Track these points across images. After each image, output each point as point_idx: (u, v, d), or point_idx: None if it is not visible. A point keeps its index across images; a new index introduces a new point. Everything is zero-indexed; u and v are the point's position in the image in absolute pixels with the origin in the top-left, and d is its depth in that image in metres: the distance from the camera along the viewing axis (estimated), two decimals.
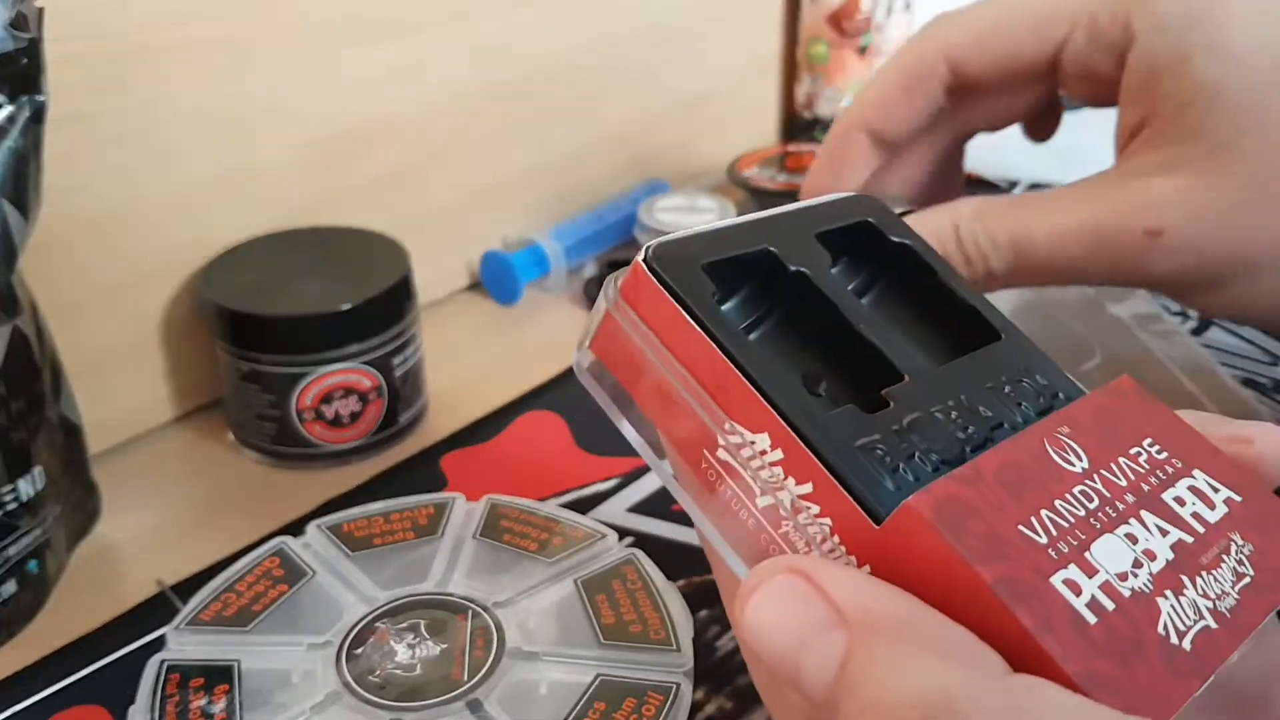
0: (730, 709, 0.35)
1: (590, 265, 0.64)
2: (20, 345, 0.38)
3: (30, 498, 0.39)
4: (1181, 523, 0.21)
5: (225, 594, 0.39)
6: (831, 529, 0.21)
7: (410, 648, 0.37)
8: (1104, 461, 0.22)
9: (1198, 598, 0.20)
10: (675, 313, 0.23)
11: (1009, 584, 0.19)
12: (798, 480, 0.21)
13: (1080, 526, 0.20)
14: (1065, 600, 0.19)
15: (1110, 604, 0.19)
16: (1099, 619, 0.19)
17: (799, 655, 0.19)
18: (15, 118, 0.36)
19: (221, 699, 0.35)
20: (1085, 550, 0.20)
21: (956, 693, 0.17)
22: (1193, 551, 0.21)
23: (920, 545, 0.19)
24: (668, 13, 0.68)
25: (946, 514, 0.19)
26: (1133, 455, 0.22)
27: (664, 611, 0.38)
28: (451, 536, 0.42)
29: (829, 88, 0.77)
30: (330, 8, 0.51)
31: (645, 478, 0.46)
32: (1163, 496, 0.22)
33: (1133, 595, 0.19)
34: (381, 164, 0.56)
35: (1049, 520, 0.20)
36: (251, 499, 0.46)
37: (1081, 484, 0.21)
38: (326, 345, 0.46)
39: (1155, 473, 0.22)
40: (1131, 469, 0.22)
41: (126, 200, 0.47)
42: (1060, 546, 0.20)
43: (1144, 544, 0.20)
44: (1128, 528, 0.21)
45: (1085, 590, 0.19)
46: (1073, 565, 0.19)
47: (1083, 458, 0.22)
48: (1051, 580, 0.19)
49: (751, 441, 0.22)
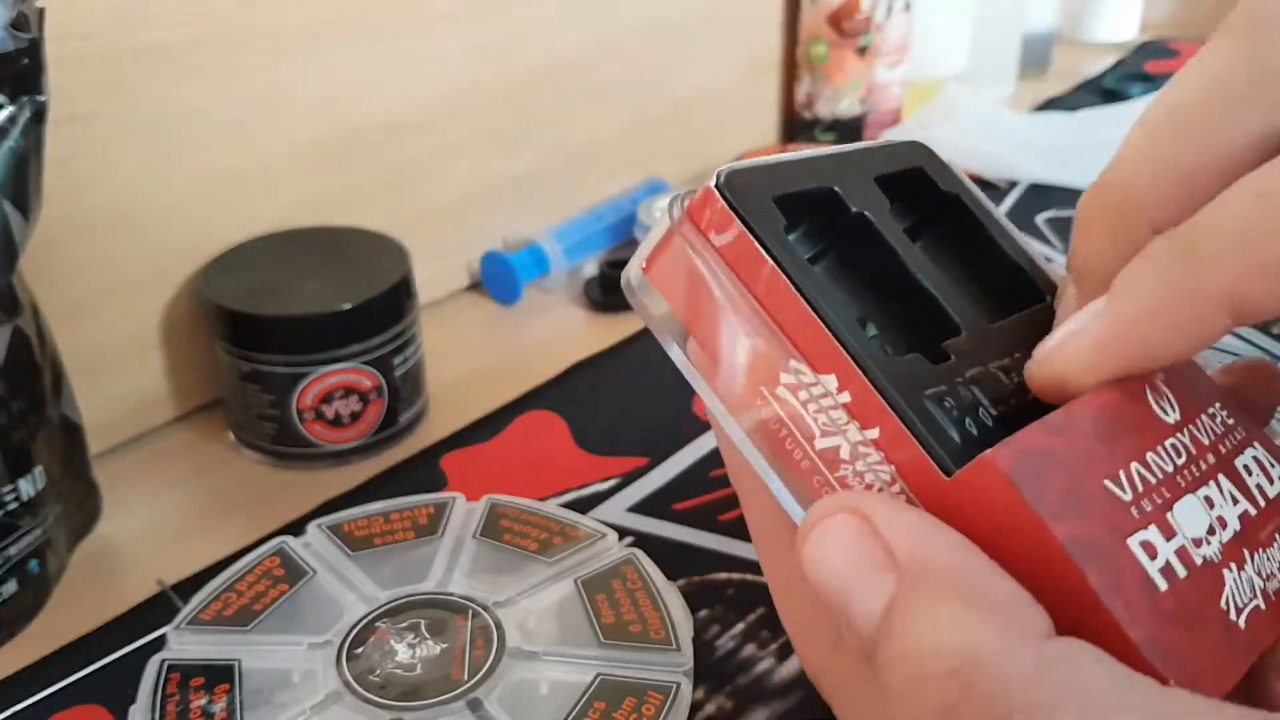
0: (730, 708, 0.36)
1: (590, 265, 0.64)
2: (21, 345, 0.38)
3: (31, 497, 0.39)
4: (1249, 493, 0.21)
5: (226, 593, 0.39)
6: (894, 476, 0.20)
7: (411, 647, 0.37)
8: (1192, 416, 0.22)
9: (1254, 575, 0.20)
10: (747, 242, 0.22)
11: (1082, 543, 0.18)
12: (863, 425, 0.20)
13: (1167, 484, 0.20)
14: (1139, 564, 0.19)
15: (1183, 570, 0.19)
16: (1170, 585, 0.18)
17: (850, 593, 0.19)
18: (16, 118, 0.36)
19: (222, 698, 0.35)
20: (1168, 510, 0.19)
21: (987, 651, 0.17)
22: (1255, 525, 0.21)
23: (993, 499, 0.19)
24: (668, 13, 0.68)
25: (1027, 468, 0.19)
26: (1210, 415, 0.22)
27: (664, 611, 0.38)
28: (452, 536, 0.42)
29: (829, 88, 0.77)
30: (330, 8, 0.51)
31: (645, 478, 0.46)
32: (1235, 463, 0.21)
33: (1204, 564, 0.19)
34: (382, 164, 0.56)
35: (1137, 474, 0.20)
36: (252, 499, 0.46)
37: (1174, 436, 0.21)
38: (327, 345, 0.46)
39: (1228, 436, 0.22)
40: (1210, 429, 0.22)
41: (127, 200, 0.47)
42: (1144, 504, 0.19)
43: (1219, 509, 0.20)
44: (1207, 490, 0.20)
45: (1161, 554, 0.19)
46: (1153, 526, 0.19)
47: (1175, 409, 0.21)
48: (1128, 541, 0.19)
49: (816, 381, 0.21)
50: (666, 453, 0.48)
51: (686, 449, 0.48)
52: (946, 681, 0.17)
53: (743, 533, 0.43)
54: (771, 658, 0.37)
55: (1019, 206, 0.71)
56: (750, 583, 0.41)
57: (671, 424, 0.50)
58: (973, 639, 0.17)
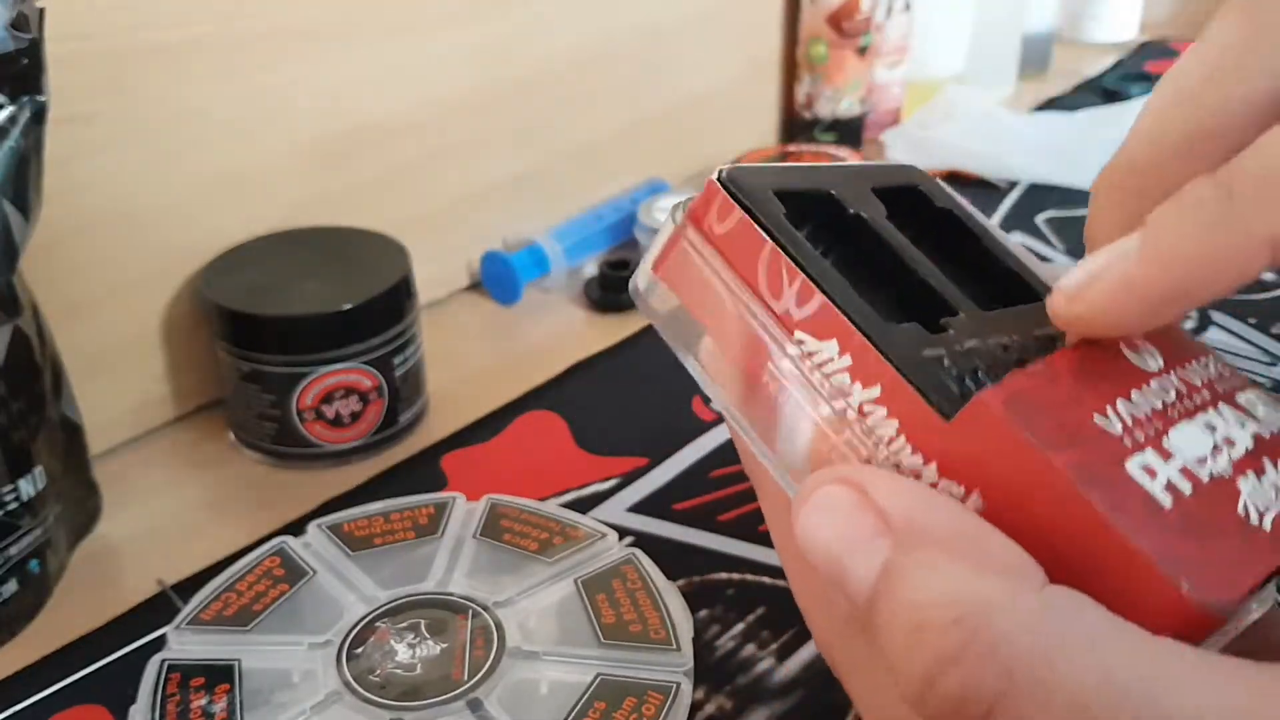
0: (730, 708, 0.36)
1: (590, 265, 0.64)
2: (21, 345, 0.38)
3: (31, 497, 0.39)
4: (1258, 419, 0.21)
5: (226, 593, 0.39)
6: (899, 429, 0.21)
7: (411, 647, 0.37)
8: (1179, 362, 0.22)
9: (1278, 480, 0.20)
10: (748, 226, 0.23)
11: (1081, 469, 0.19)
12: (865, 384, 0.21)
13: (1157, 417, 0.20)
14: (1140, 486, 0.19)
15: (1187, 487, 0.19)
16: (1175, 501, 0.19)
17: (845, 560, 0.19)
18: (16, 118, 0.36)
19: (222, 698, 0.35)
20: (1163, 437, 0.20)
21: (987, 600, 0.17)
22: (1273, 443, 0.21)
23: (992, 437, 0.19)
24: (668, 13, 0.68)
25: (1019, 405, 0.19)
26: (1201, 363, 0.22)
27: (664, 611, 0.38)
28: (452, 536, 0.42)
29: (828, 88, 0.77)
30: (331, 9, 0.51)
31: (645, 478, 0.46)
32: (1237, 398, 0.22)
33: (1212, 479, 0.19)
34: (382, 164, 0.56)
35: (1124, 411, 0.20)
36: (252, 499, 0.46)
37: (1159, 378, 0.21)
38: (327, 345, 0.46)
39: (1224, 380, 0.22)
40: (1202, 373, 0.22)
41: (127, 200, 0.47)
42: (1136, 435, 0.20)
43: (1224, 432, 0.20)
44: (1207, 417, 0.21)
45: (1161, 474, 0.19)
46: (1149, 450, 0.19)
47: (1158, 358, 0.22)
48: (1126, 465, 0.19)
49: (817, 350, 0.22)
50: (666, 453, 0.48)
51: (686, 449, 0.48)
52: (949, 630, 0.17)
53: (742, 533, 0.43)
54: (771, 658, 0.37)
55: (1019, 206, 0.71)
56: (750, 583, 0.41)
57: (671, 424, 0.50)
58: (973, 589, 0.18)
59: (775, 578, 0.41)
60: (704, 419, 0.50)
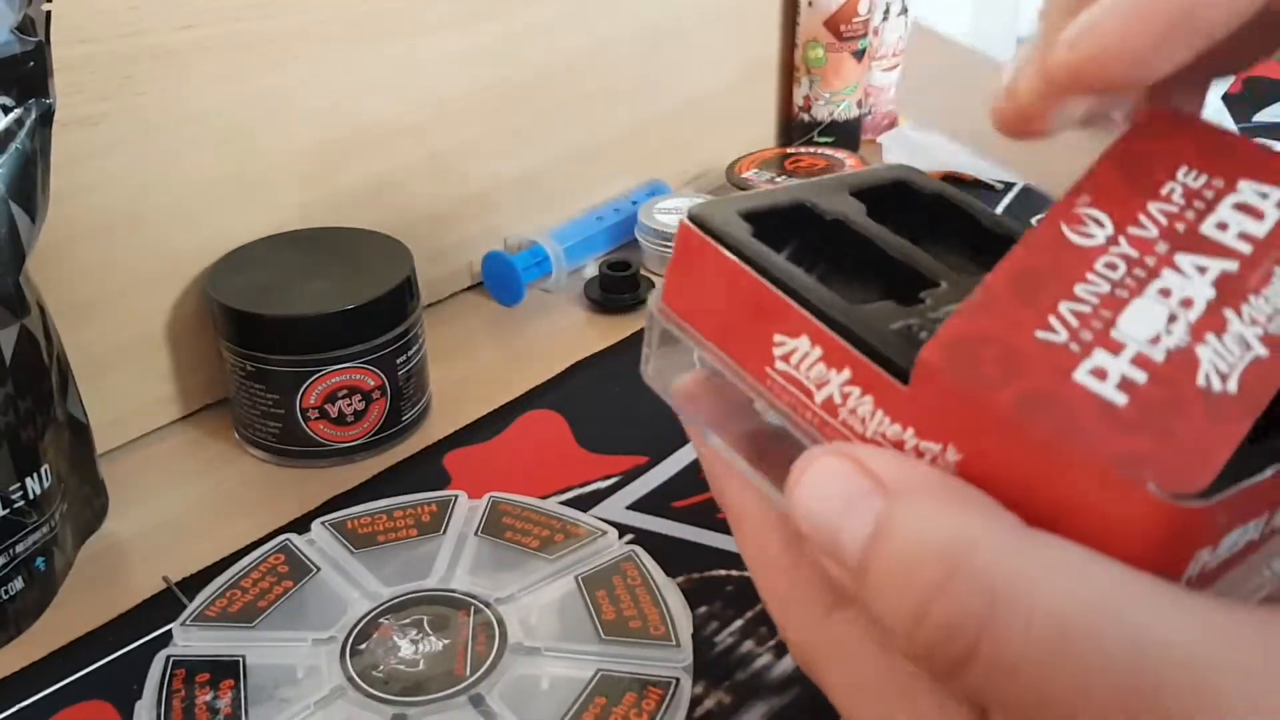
0: (729, 703, 0.36)
1: (591, 266, 0.64)
2: (28, 345, 0.39)
3: (38, 495, 0.39)
4: (1224, 251, 0.20)
5: (231, 590, 0.40)
6: (875, 403, 0.21)
7: (414, 643, 0.37)
8: (1130, 217, 0.21)
9: (1244, 328, 0.19)
10: (713, 252, 0.24)
11: (1025, 400, 0.19)
12: (838, 369, 0.22)
13: (1105, 303, 0.20)
14: (1090, 392, 0.19)
15: (1142, 376, 0.19)
16: (1130, 398, 0.19)
17: (840, 522, 0.20)
18: (23, 120, 0.37)
19: (227, 694, 0.36)
20: (1111, 328, 0.20)
21: (972, 535, 0.18)
22: (1238, 279, 0.20)
23: (940, 392, 0.20)
24: (667, 16, 0.69)
25: (958, 353, 0.20)
26: (1165, 195, 0.21)
27: (664, 607, 0.39)
28: (454, 533, 0.42)
29: (826, 91, 0.77)
30: (334, 12, 0.52)
31: (645, 476, 0.47)
32: (1201, 230, 0.21)
33: (1168, 357, 0.19)
34: (385, 165, 0.56)
35: (1069, 312, 0.20)
36: (257, 497, 0.47)
37: (1104, 255, 0.21)
38: (330, 345, 0.46)
39: (1192, 204, 0.21)
40: (1163, 212, 0.21)
41: (133, 202, 0.47)
42: (1083, 335, 0.20)
43: (1180, 293, 0.20)
44: (1160, 282, 0.20)
45: (1112, 372, 0.19)
46: (1097, 351, 0.19)
47: (1105, 224, 0.21)
48: (1074, 377, 0.19)
49: (795, 347, 0.23)
50: (666, 451, 0.48)
51: (686, 447, 0.48)
52: (934, 564, 0.18)
53: None
54: (770, 653, 0.38)
55: (1015, 206, 0.71)
56: (749, 579, 0.41)
57: (671, 423, 0.50)
58: (959, 526, 0.18)
59: None
60: None
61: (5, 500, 0.38)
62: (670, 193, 0.68)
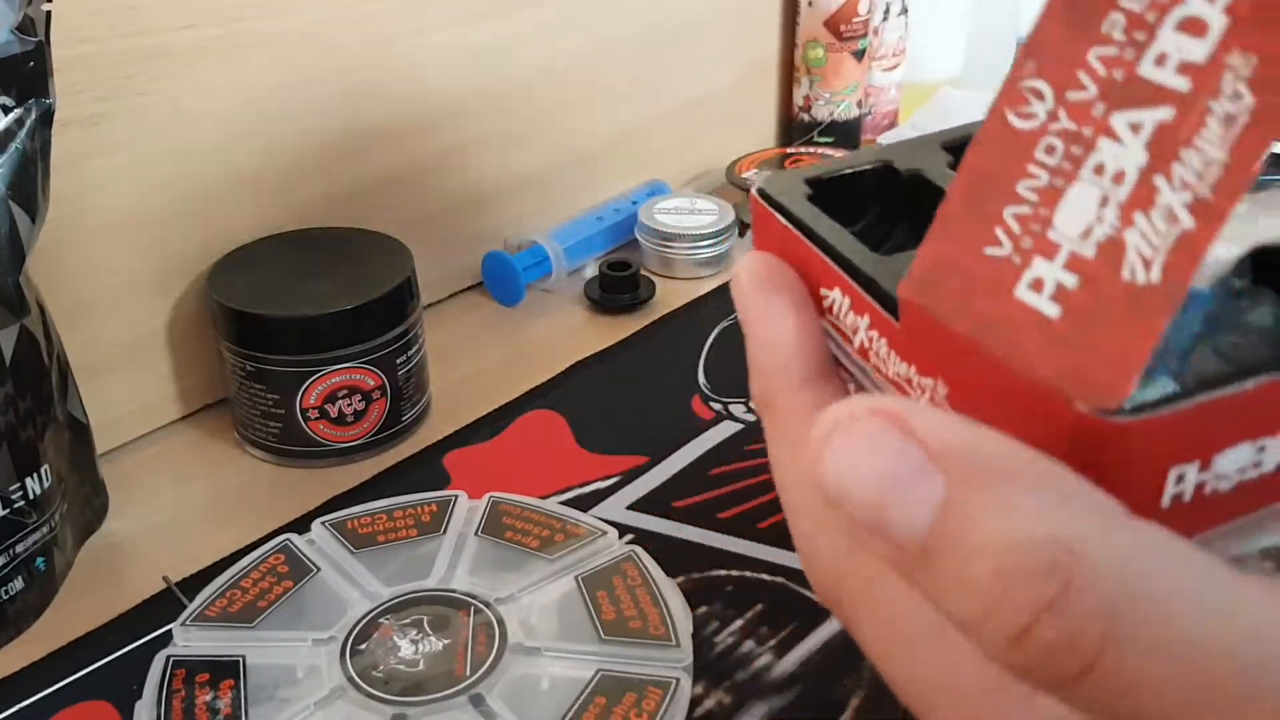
0: (729, 703, 0.36)
1: (591, 266, 0.64)
2: (28, 345, 0.39)
3: (38, 495, 0.39)
4: (1162, 95, 0.19)
5: (231, 590, 0.40)
6: (888, 345, 0.22)
7: (414, 643, 0.37)
8: (1070, 77, 0.20)
9: (1173, 196, 0.18)
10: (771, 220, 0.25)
11: (982, 327, 0.19)
12: (860, 315, 0.23)
13: (1044, 199, 0.20)
14: (1030, 307, 0.19)
15: (1073, 280, 0.19)
16: (1062, 307, 0.18)
17: (889, 501, 0.17)
18: (23, 120, 0.37)
19: (227, 694, 0.36)
20: (1048, 228, 0.19)
21: (1081, 539, 0.16)
22: (1173, 130, 0.19)
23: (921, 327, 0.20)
24: (667, 16, 0.69)
25: (925, 283, 0.20)
26: (1105, 35, 0.20)
27: (664, 607, 0.39)
28: (454, 533, 0.42)
29: (826, 91, 0.77)
30: (334, 12, 0.52)
31: (645, 476, 0.47)
32: (1139, 72, 0.19)
33: (1098, 251, 0.19)
34: (385, 166, 0.56)
35: (1012, 218, 0.20)
36: (257, 497, 0.47)
37: (1044, 138, 0.20)
38: (330, 345, 0.46)
39: (1133, 37, 0.20)
40: (1102, 60, 0.20)
41: (133, 202, 0.47)
42: (1024, 244, 0.19)
43: (1113, 167, 0.19)
44: (1095, 157, 0.19)
45: (1048, 282, 0.19)
46: (1035, 260, 0.19)
47: (1045, 95, 0.20)
48: (1016, 293, 0.19)
49: (834, 298, 0.24)
50: (666, 451, 0.48)
51: (686, 447, 0.48)
52: (1047, 576, 0.15)
53: (742, 530, 0.43)
54: (770, 653, 0.38)
55: None
56: (749, 579, 0.41)
57: (671, 423, 0.50)
58: (1063, 527, 0.16)
59: (773, 575, 0.41)
60: (703, 418, 0.50)
61: (5, 500, 0.38)
62: (670, 193, 0.68)
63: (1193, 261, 0.18)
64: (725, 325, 0.58)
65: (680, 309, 0.60)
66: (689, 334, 0.57)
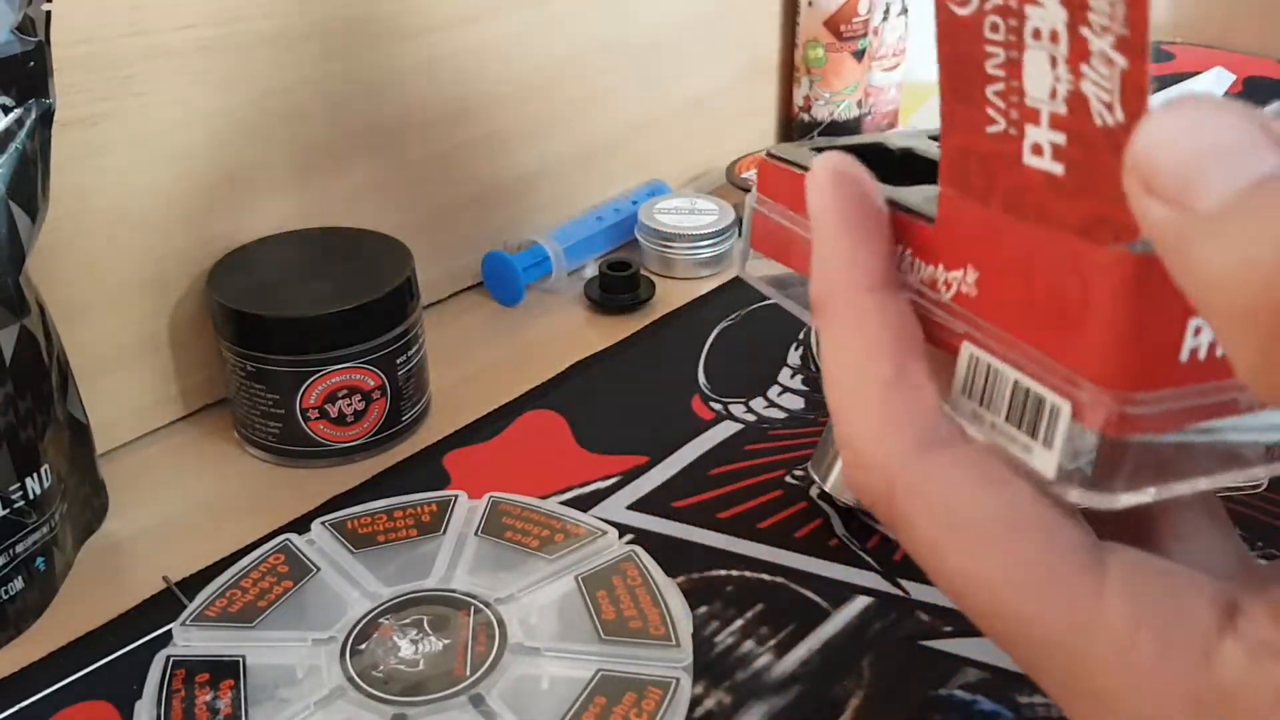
0: (729, 704, 0.36)
1: (591, 266, 0.64)
2: (28, 345, 0.39)
3: (38, 495, 0.39)
4: None
5: (231, 590, 0.40)
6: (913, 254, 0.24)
7: (414, 643, 0.37)
8: None
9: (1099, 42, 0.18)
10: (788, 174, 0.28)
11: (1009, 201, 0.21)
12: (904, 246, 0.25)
13: (1010, 72, 0.20)
14: (1039, 171, 0.20)
15: (1061, 138, 0.19)
16: (1065, 164, 0.19)
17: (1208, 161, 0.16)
18: (23, 120, 0.37)
19: (227, 694, 0.36)
20: (1024, 97, 0.20)
21: None
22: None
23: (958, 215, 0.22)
24: (667, 16, 0.69)
25: (954, 175, 0.22)
26: None
27: (664, 607, 0.39)
28: (454, 533, 0.42)
29: (826, 91, 0.77)
30: (334, 12, 0.52)
31: (645, 476, 0.47)
32: None
33: (1068, 106, 0.19)
34: (385, 165, 0.56)
35: (994, 96, 0.21)
36: (257, 497, 0.47)
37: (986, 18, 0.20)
38: (330, 345, 0.46)
39: None
40: None
41: (133, 202, 0.47)
42: (1012, 115, 0.20)
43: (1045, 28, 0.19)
44: (1030, 24, 0.20)
45: (1044, 145, 0.20)
46: (1028, 128, 0.20)
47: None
48: (1024, 161, 0.20)
49: None
50: (666, 451, 0.48)
51: (686, 447, 0.48)
52: None
53: (741, 530, 0.43)
54: (770, 653, 0.38)
55: None
56: (749, 579, 0.41)
57: (671, 423, 0.50)
58: None
59: (773, 575, 0.41)
60: (703, 417, 0.50)
61: (5, 500, 0.38)
62: (670, 193, 0.68)
63: (1141, 94, 0.18)
64: (725, 325, 0.58)
65: (680, 309, 0.60)
66: (689, 334, 0.57)
